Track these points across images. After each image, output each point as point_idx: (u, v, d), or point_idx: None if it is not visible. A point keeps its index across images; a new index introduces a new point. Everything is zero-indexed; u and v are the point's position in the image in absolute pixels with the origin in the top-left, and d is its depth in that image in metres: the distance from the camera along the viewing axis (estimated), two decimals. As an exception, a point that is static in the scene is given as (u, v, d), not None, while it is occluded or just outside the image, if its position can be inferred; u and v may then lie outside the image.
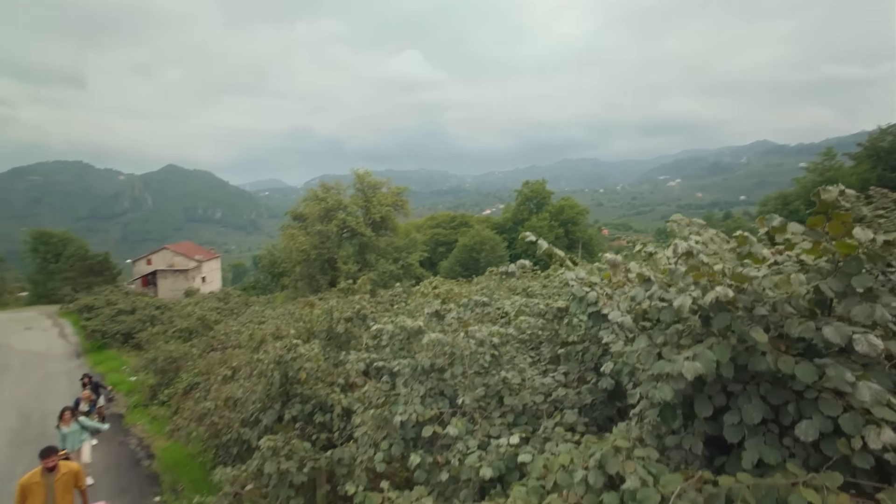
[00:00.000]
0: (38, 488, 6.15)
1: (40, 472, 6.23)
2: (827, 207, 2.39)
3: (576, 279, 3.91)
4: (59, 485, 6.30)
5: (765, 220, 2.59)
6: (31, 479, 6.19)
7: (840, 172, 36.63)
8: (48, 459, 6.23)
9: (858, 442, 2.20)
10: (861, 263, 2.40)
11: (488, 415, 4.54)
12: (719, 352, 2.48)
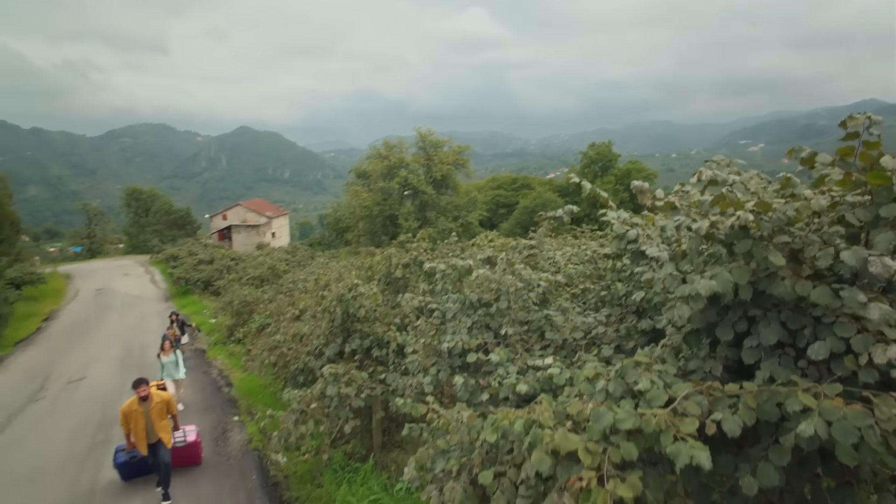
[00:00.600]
0: (136, 415, 6.88)
1: (137, 401, 6.91)
2: (856, 136, 2.42)
3: (618, 218, 4.08)
4: (154, 412, 7.00)
5: (794, 151, 2.66)
6: (130, 406, 6.90)
7: None
8: (140, 389, 6.91)
9: (865, 358, 2.34)
10: (892, 193, 2.45)
11: (529, 347, 4.88)
12: (738, 274, 2.63)
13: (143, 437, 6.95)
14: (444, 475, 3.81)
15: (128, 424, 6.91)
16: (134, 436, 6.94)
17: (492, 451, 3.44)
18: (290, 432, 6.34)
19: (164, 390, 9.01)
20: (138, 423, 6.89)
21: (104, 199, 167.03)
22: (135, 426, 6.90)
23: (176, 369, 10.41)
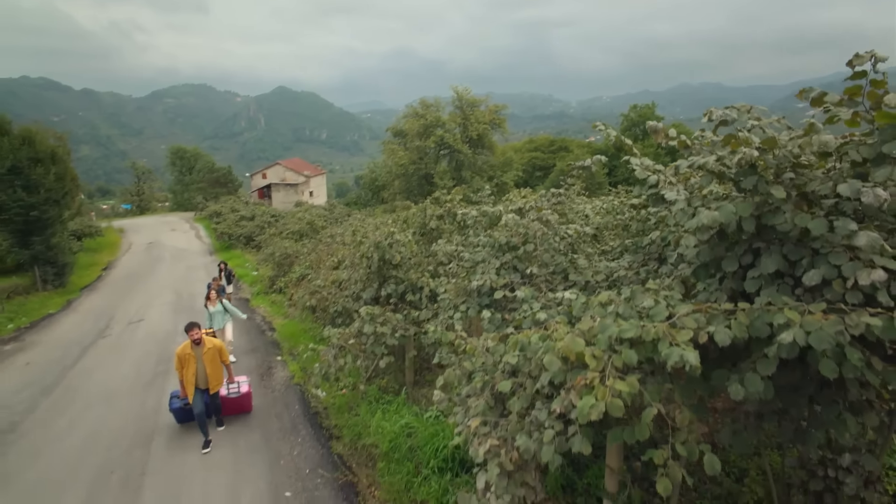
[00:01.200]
0: (190, 358, 7.00)
1: (190, 344, 7.05)
2: (864, 75, 2.55)
3: (640, 164, 4.28)
4: (207, 357, 7.13)
5: (804, 92, 2.82)
6: (184, 349, 7.03)
7: None
8: (192, 332, 7.06)
9: (851, 282, 2.57)
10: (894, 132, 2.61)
11: (553, 287, 5.21)
12: (741, 207, 2.87)
13: (193, 382, 7.05)
14: (469, 396, 4.27)
15: (182, 368, 7.08)
16: (184, 380, 7.06)
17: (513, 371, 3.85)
18: (329, 364, 6.96)
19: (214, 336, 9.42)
20: (189, 368, 7.01)
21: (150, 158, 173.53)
22: (187, 370, 7.02)
23: (223, 318, 10.46)
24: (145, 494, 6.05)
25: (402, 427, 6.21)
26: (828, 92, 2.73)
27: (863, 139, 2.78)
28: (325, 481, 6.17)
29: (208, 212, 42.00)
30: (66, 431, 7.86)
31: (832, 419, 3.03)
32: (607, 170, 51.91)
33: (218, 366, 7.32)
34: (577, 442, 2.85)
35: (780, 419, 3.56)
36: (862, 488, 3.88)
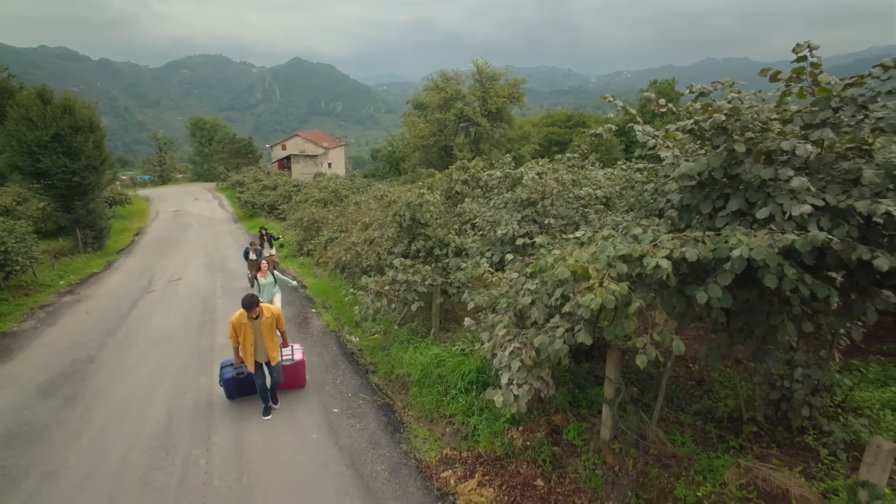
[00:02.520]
0: (246, 329, 6.55)
1: (246, 314, 6.52)
2: (805, 59, 3.37)
3: (641, 130, 5.13)
4: (265, 326, 6.66)
5: (764, 71, 3.65)
6: (240, 319, 6.53)
7: None
8: (252, 310, 6.48)
9: (787, 214, 3.46)
10: (828, 102, 3.45)
11: (567, 237, 6.13)
12: (712, 160, 3.75)
13: (251, 354, 6.65)
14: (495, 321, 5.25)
15: (236, 337, 6.63)
16: (242, 351, 6.66)
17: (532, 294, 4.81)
18: (368, 307, 8.00)
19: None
20: (247, 338, 6.57)
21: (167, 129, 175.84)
22: (243, 341, 6.59)
23: (273, 289, 10.12)
24: (215, 409, 7.21)
25: (433, 357, 7.26)
26: (780, 71, 3.57)
27: (809, 108, 3.63)
28: (365, 402, 7.28)
29: (231, 182, 43.28)
30: (137, 363, 9.07)
31: (777, 325, 3.95)
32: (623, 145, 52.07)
33: (275, 335, 6.90)
34: (581, 335, 3.83)
35: (746, 338, 4.50)
36: (809, 395, 4.83)
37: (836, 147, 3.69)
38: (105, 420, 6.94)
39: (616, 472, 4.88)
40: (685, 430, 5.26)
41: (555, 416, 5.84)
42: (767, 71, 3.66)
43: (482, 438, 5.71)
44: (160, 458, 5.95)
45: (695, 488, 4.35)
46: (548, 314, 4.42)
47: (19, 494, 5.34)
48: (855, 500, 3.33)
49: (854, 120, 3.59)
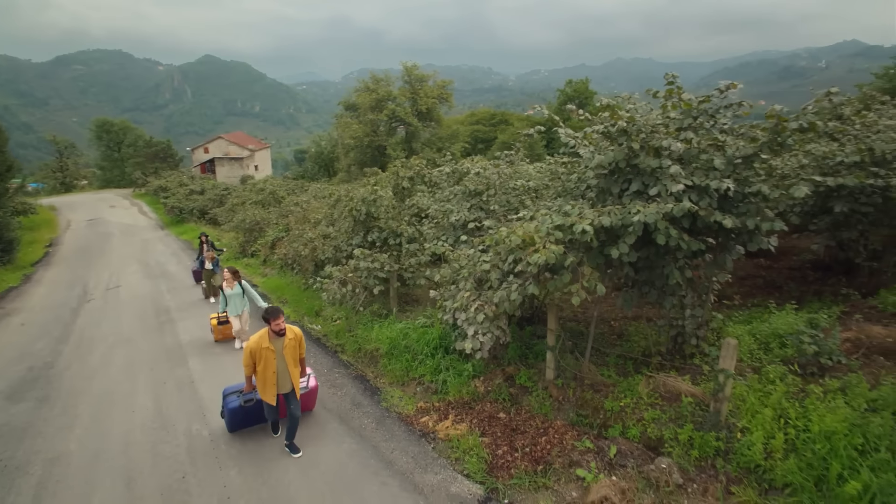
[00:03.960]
0: (268, 354, 5.50)
1: (268, 337, 5.56)
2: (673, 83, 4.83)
3: (565, 132, 6.50)
4: (288, 350, 5.66)
5: (649, 90, 5.09)
6: (259, 342, 5.50)
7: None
8: (277, 321, 5.53)
9: (669, 191, 4.90)
10: (690, 112, 4.94)
11: (510, 219, 7.41)
12: (618, 154, 5.15)
13: (274, 384, 5.62)
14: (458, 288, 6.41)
15: (253, 365, 5.63)
16: (261, 381, 5.63)
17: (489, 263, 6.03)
18: (335, 292, 8.88)
19: (227, 322, 9.66)
20: (268, 365, 5.54)
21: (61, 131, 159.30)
22: (264, 369, 5.55)
23: (242, 301, 9.39)
24: (201, 391, 7.80)
25: (400, 331, 8.30)
26: (659, 91, 5.02)
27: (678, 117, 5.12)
28: (341, 375, 8.18)
29: (152, 187, 41.25)
30: (104, 363, 9.30)
31: (668, 274, 5.43)
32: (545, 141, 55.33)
33: (297, 362, 5.91)
34: (531, 287, 5.09)
35: (650, 289, 5.98)
36: (696, 329, 6.43)
37: (699, 144, 5.21)
38: (92, 413, 7.32)
39: (560, 400, 6.21)
40: (610, 367, 6.72)
41: (508, 368, 7.12)
42: (651, 91, 5.10)
43: (451, 390, 6.86)
44: (162, 434, 6.54)
45: (618, 401, 5.76)
46: (502, 277, 5.65)
47: (30, 478, 5.76)
48: (717, 382, 4.84)
49: (709, 125, 5.13)
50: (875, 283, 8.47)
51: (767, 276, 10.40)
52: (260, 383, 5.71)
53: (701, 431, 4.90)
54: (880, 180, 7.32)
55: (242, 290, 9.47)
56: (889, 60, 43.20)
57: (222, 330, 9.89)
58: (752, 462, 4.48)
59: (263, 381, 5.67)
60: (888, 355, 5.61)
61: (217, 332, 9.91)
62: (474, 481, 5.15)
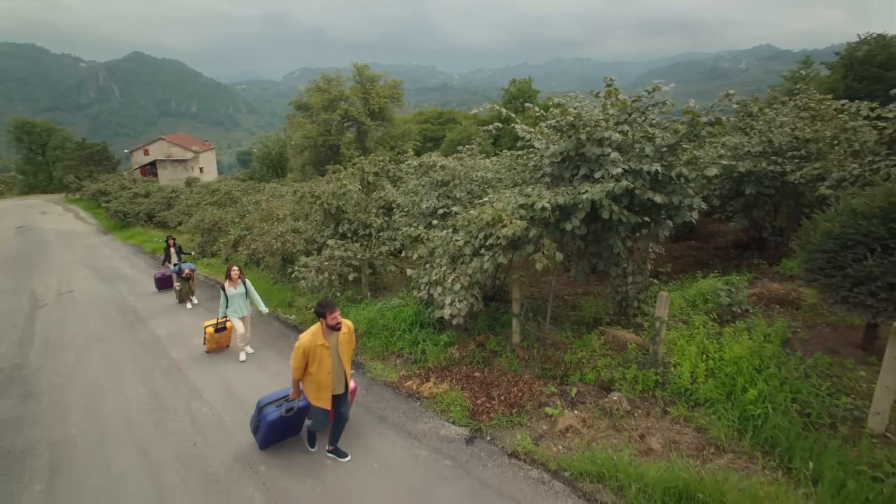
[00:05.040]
0: (323, 352, 5.01)
1: (321, 332, 5.06)
2: (611, 85, 5.91)
3: (521, 128, 7.48)
4: (343, 346, 5.22)
5: (607, 78, 6.12)
6: (314, 340, 5.00)
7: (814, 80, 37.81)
8: (334, 313, 5.03)
9: (610, 174, 5.95)
10: (625, 110, 6.02)
11: (475, 205, 8.32)
12: (568, 144, 6.16)
13: (329, 386, 5.12)
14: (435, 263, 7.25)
15: (304, 367, 5.10)
16: (313, 384, 5.13)
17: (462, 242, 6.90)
18: (313, 279, 9.48)
19: (224, 330, 8.89)
20: (323, 366, 5.06)
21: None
22: (318, 370, 5.06)
23: (245, 303, 8.79)
24: (192, 376, 8.21)
25: (377, 311, 9.04)
26: (601, 92, 6.07)
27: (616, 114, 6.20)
28: (323, 355, 8.81)
29: (89, 192, 39.34)
30: (81, 360, 9.41)
31: (612, 244, 6.51)
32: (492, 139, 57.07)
33: (350, 357, 5.51)
34: (500, 257, 6.01)
35: (598, 259, 7.06)
36: (637, 293, 7.58)
37: (633, 135, 6.32)
38: (83, 403, 7.56)
39: (527, 359, 7.19)
40: (567, 330, 7.77)
41: (479, 337, 8.03)
42: (593, 91, 6.15)
43: (430, 358, 7.68)
44: (164, 413, 6.97)
45: (576, 355, 6.80)
46: (475, 251, 6.55)
47: (39, 459, 6.07)
48: (654, 328, 5.96)
49: (640, 120, 6.25)
50: (779, 254, 10.05)
51: (697, 256, 11.90)
52: (311, 387, 5.15)
53: (643, 370, 6.00)
54: (777, 167, 8.78)
55: (246, 290, 8.84)
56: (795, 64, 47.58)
57: (218, 339, 9.01)
58: (683, 387, 5.61)
59: (317, 383, 5.10)
60: (781, 304, 6.99)
61: (212, 340, 8.95)
62: (460, 426, 6.02)
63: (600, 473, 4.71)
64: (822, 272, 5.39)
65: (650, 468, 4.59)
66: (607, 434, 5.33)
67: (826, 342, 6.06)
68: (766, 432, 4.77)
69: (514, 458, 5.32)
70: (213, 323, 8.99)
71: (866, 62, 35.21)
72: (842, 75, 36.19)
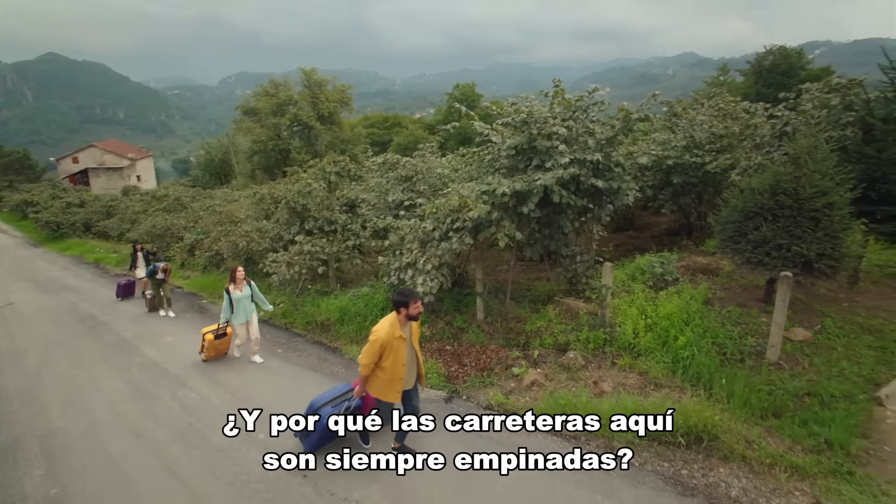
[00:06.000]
0: (400, 344, 4.77)
1: (398, 324, 4.78)
2: (558, 85, 6.88)
3: (479, 125, 8.32)
4: (415, 338, 5.07)
5: (541, 91, 7.06)
6: (391, 332, 4.71)
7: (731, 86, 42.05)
8: (416, 303, 4.81)
9: (559, 163, 6.89)
10: (570, 108, 7.00)
11: (438, 196, 9.08)
12: (522, 139, 7.06)
13: (402, 378, 4.89)
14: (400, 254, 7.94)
15: (375, 363, 4.81)
16: (386, 378, 4.85)
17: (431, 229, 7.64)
18: (285, 273, 9.91)
19: (224, 336, 8.35)
20: (399, 358, 4.81)
21: None
22: (393, 363, 4.80)
23: (250, 305, 8.26)
24: (172, 370, 8.42)
25: (349, 300, 9.59)
26: (549, 92, 7.01)
27: (563, 111, 7.16)
28: (300, 342, 9.25)
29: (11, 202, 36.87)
30: (44, 363, 9.26)
31: (562, 225, 7.46)
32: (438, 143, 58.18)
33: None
34: (466, 239, 6.81)
35: (551, 240, 8.00)
36: (585, 271, 8.59)
37: (577, 130, 7.32)
38: (62, 400, 7.60)
39: (491, 333, 8.01)
40: (525, 307, 8.67)
41: (446, 317, 8.78)
42: (543, 92, 7.08)
43: (402, 337, 8.34)
44: (150, 402, 7.21)
45: (535, 325, 7.69)
46: (443, 235, 7.31)
47: (30, 451, 6.20)
48: (600, 294, 6.95)
49: (583, 117, 7.26)
50: (703, 236, 11.50)
51: (635, 243, 13.26)
52: (381, 381, 4.87)
53: (593, 331, 6.97)
54: (698, 158, 10.13)
55: (251, 292, 8.27)
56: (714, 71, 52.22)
57: (217, 346, 8.38)
58: (627, 342, 6.63)
59: (390, 377, 4.83)
60: (704, 273, 8.26)
61: (211, 348, 8.31)
62: (438, 389, 6.74)
63: (563, 412, 5.58)
64: (731, 240, 6.58)
65: (603, 403, 5.52)
66: (567, 384, 6.22)
67: (738, 299, 7.30)
68: (693, 369, 5.85)
69: (489, 410, 6.11)
70: (213, 329, 8.40)
71: (772, 70, 39.74)
72: (753, 81, 40.67)
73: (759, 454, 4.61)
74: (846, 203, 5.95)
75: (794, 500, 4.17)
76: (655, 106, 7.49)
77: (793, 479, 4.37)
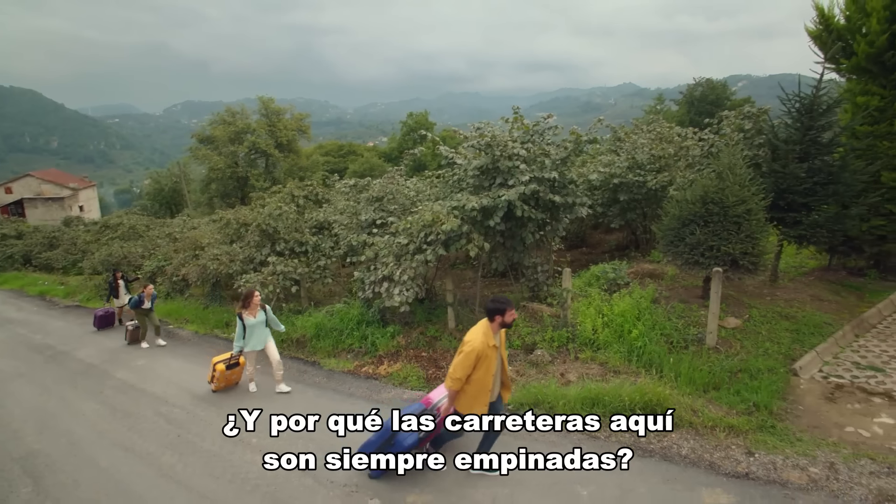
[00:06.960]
0: (492, 353, 4.52)
1: (492, 333, 4.52)
2: (517, 112, 7.75)
3: (444, 149, 9.08)
4: (504, 347, 4.84)
5: (515, 107, 7.91)
6: (486, 342, 4.44)
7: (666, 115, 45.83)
8: (511, 310, 4.55)
9: (520, 180, 7.71)
10: (528, 133, 7.88)
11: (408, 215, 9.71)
12: (486, 159, 7.87)
13: (490, 389, 4.61)
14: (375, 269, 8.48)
15: (465, 378, 4.51)
16: (474, 389, 4.57)
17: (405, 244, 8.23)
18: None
19: (237, 366, 7.90)
20: (490, 369, 4.54)
21: None
22: (484, 374, 4.53)
23: (265, 331, 7.80)
24: (151, 389, 8.46)
25: (323, 316, 9.95)
26: (510, 118, 7.87)
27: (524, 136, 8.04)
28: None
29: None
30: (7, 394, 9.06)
31: (524, 237, 8.25)
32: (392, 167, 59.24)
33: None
34: (440, 250, 7.45)
35: (514, 251, 8.76)
36: (545, 280, 9.39)
37: (535, 151, 8.20)
38: (35, 424, 7.47)
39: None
40: (492, 315, 9.33)
41: (419, 328, 9.32)
42: (503, 118, 7.94)
43: (380, 347, 8.79)
44: (132, 420, 7.27)
45: (502, 329, 8.35)
46: (417, 248, 7.92)
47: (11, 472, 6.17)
48: (561, 297, 7.72)
49: (539, 140, 8.16)
50: (649, 248, 12.65)
51: (588, 258, 14.32)
52: (471, 393, 4.58)
53: (557, 331, 7.71)
54: (641, 177, 11.29)
55: (266, 318, 7.84)
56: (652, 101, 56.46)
57: (229, 376, 7.91)
58: (587, 338, 7.41)
59: (479, 387, 4.55)
60: (651, 277, 9.28)
61: (222, 378, 7.82)
62: (418, 390, 7.23)
63: (535, 400, 6.22)
64: (672, 244, 7.56)
65: (570, 390, 6.21)
66: (536, 378, 6.89)
67: (680, 297, 8.30)
68: (645, 357, 6.72)
69: (467, 405, 6.66)
70: (225, 358, 7.95)
71: (702, 100, 43.70)
72: (686, 110, 44.49)
73: (702, 419, 5.47)
74: (761, 210, 7.07)
75: (731, 453, 5.02)
76: (602, 130, 8.49)
77: (730, 437, 5.24)
